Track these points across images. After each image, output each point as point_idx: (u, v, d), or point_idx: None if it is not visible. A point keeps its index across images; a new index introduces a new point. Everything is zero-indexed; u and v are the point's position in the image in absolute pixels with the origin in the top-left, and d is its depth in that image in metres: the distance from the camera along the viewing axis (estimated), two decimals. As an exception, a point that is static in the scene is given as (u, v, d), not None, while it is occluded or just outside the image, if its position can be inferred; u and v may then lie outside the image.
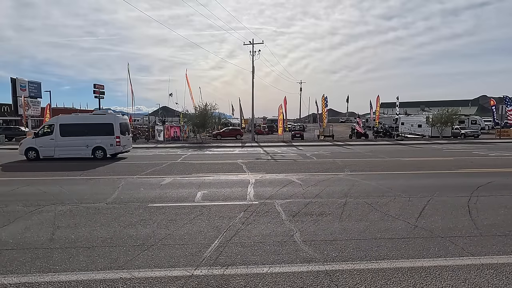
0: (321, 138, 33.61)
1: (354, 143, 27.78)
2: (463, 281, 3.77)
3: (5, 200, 7.89)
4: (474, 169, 12.47)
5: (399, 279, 3.81)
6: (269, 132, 46.49)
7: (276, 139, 32.64)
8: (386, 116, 57.64)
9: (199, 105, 32.40)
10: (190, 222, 6.06)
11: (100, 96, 35.84)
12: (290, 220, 6.08)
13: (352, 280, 3.80)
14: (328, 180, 10.31)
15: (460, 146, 24.38)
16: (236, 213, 6.57)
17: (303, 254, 4.55)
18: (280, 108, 33.22)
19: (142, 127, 49.56)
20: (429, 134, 35.22)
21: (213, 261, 4.35)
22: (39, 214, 6.66)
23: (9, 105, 43.40)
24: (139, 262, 4.33)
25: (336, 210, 6.76)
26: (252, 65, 33.73)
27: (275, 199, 7.76)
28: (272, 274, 3.97)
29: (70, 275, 3.98)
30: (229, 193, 8.48)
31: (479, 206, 6.94)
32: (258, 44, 41.51)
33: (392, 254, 4.54)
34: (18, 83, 37.43)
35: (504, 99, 34.26)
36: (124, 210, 6.89)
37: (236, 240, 5.09)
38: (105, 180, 10.72)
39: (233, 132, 37.29)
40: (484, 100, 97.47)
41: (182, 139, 32.11)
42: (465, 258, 4.38)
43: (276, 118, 39.34)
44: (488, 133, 41.98)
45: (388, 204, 7.18)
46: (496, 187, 8.93)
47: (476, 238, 5.14)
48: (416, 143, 27.80)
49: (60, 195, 8.37)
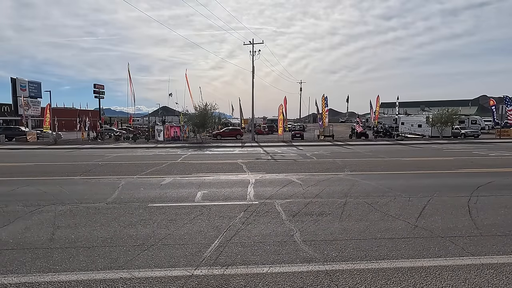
0: (321, 138, 33.60)
1: (354, 143, 27.77)
2: (463, 281, 3.77)
3: (5, 200, 7.88)
4: (474, 169, 12.47)
5: (399, 279, 3.81)
6: (269, 132, 46.46)
7: (276, 139, 32.64)
8: (386, 116, 57.62)
9: (199, 105, 32.42)
10: (190, 222, 6.06)
11: (100, 96, 35.88)
12: (290, 220, 6.08)
13: (352, 280, 3.80)
14: (328, 180, 10.31)
15: (460, 146, 24.38)
16: (236, 213, 6.57)
17: (303, 254, 4.55)
18: (280, 108, 33.21)
19: (142, 127, 49.63)
20: (429, 134, 35.21)
21: (213, 261, 4.35)
22: (39, 214, 6.66)
23: (9, 105, 43.45)
24: (139, 262, 4.33)
25: (336, 210, 6.76)
26: (252, 65, 33.76)
27: (275, 199, 7.76)
28: (272, 274, 3.97)
29: (70, 275, 3.98)
30: (229, 193, 8.48)
31: (479, 206, 6.94)
32: (258, 44, 41.52)
33: (392, 254, 4.54)
34: (18, 83, 37.46)
35: (504, 99, 34.26)
36: (124, 210, 6.88)
37: (236, 240, 5.09)
38: (105, 180, 10.72)
39: (233, 132, 37.26)
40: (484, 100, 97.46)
41: (182, 139, 32.10)
42: (465, 258, 4.38)
43: (276, 118, 39.34)
44: (488, 133, 41.98)
45: (388, 204, 7.18)
46: (496, 187, 8.93)
47: (476, 238, 5.14)
48: (416, 143, 27.80)
49: (60, 195, 8.37)
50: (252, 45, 33.44)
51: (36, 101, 40.52)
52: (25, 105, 36.59)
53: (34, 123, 46.41)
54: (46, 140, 32.28)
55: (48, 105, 33.80)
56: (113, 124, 57.90)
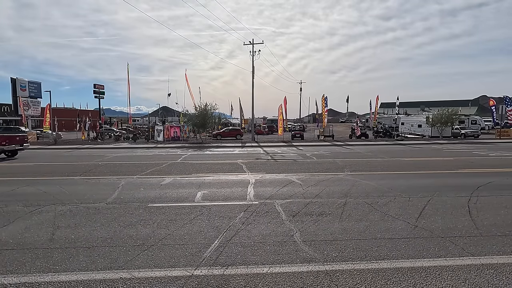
0: (321, 138, 33.61)
1: (354, 143, 27.77)
2: (463, 281, 3.77)
3: (5, 200, 7.88)
4: (474, 169, 12.47)
5: (399, 279, 3.81)
6: (269, 132, 46.47)
7: (276, 139, 32.64)
8: (386, 116, 57.64)
9: (199, 105, 32.41)
10: (190, 222, 6.05)
11: (100, 96, 35.84)
12: (290, 220, 6.08)
13: (352, 280, 3.80)
14: (328, 180, 10.31)
15: (460, 146, 24.38)
16: (236, 213, 6.56)
17: (303, 254, 4.55)
18: (280, 108, 33.22)
19: (142, 127, 49.62)
20: (429, 134, 35.23)
21: (213, 261, 4.35)
22: (39, 214, 6.66)
23: (9, 105, 43.47)
24: (139, 262, 4.33)
25: (336, 210, 6.76)
26: (252, 65, 33.77)
27: (275, 199, 7.76)
28: (272, 274, 3.97)
29: (70, 275, 3.98)
30: (229, 193, 8.48)
31: (479, 206, 6.94)
32: (258, 44, 41.55)
33: (392, 254, 4.54)
34: (18, 83, 37.49)
35: (504, 99, 34.27)
36: (124, 210, 6.88)
37: (236, 240, 5.09)
38: (105, 180, 10.72)
39: (233, 132, 37.26)
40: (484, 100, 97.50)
41: (182, 139, 32.10)
42: (465, 258, 4.38)
43: (276, 118, 39.35)
44: (488, 133, 41.99)
45: (388, 204, 7.18)
46: (496, 187, 8.93)
47: (476, 238, 5.14)
48: (416, 143, 27.80)
49: (60, 195, 8.37)
50: (252, 45, 33.45)
51: (36, 101, 40.54)
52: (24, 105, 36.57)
53: (34, 123, 46.43)
54: (46, 140, 32.30)
55: (48, 105, 33.80)
56: (113, 124, 57.92)
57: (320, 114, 35.12)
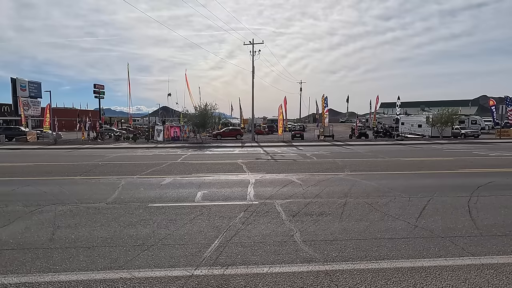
0: (321, 138, 33.58)
1: (354, 143, 27.77)
2: (463, 281, 3.77)
3: (5, 200, 7.88)
4: (474, 169, 12.47)
5: (399, 279, 3.81)
6: (269, 132, 46.43)
7: (276, 139, 32.64)
8: (386, 116, 57.64)
9: (199, 105, 32.42)
10: (190, 222, 6.05)
11: (100, 96, 35.88)
12: (290, 220, 6.08)
13: (352, 280, 3.80)
14: (328, 180, 10.31)
15: (460, 146, 24.37)
16: (236, 213, 6.56)
17: (303, 254, 4.55)
18: (280, 108, 33.21)
19: (142, 127, 49.60)
20: (429, 134, 35.21)
21: (213, 261, 4.35)
22: (39, 214, 6.66)
23: (9, 105, 43.47)
24: (139, 262, 4.33)
25: (336, 210, 6.76)
26: (252, 65, 33.77)
27: (275, 199, 7.76)
28: (272, 274, 3.97)
29: (70, 275, 3.98)
30: (229, 193, 8.48)
31: (479, 206, 6.94)
32: (258, 44, 41.43)
33: (392, 254, 4.54)
34: (18, 83, 37.47)
35: (504, 99, 34.26)
36: (124, 210, 6.88)
37: (236, 240, 5.09)
38: (105, 180, 10.72)
39: (233, 132, 37.25)
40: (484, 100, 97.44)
41: (182, 139, 32.10)
42: (465, 258, 4.38)
43: (276, 118, 39.34)
44: (488, 133, 41.96)
45: (388, 204, 7.18)
46: (496, 187, 8.93)
47: (476, 238, 5.14)
48: (416, 143, 27.79)
49: (60, 195, 8.37)
50: (252, 45, 33.45)
51: (36, 101, 40.51)
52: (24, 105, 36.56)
53: (34, 123, 46.40)
54: (46, 140, 32.28)
55: (48, 105, 33.76)
56: (113, 124, 57.88)
57: (320, 114, 35.11)
